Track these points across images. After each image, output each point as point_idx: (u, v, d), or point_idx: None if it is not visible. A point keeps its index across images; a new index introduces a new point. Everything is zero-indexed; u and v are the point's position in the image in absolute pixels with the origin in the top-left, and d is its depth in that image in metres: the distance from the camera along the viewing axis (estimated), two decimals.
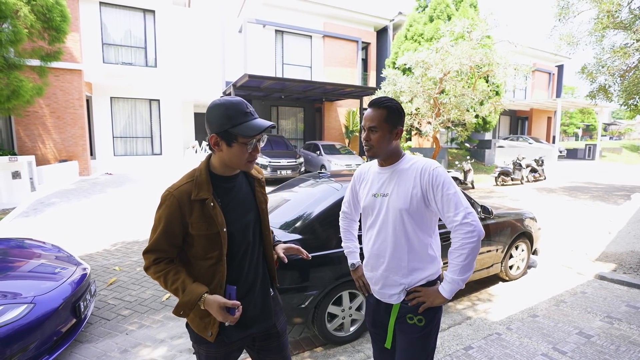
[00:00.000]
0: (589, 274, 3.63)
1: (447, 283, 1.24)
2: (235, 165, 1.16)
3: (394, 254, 1.30)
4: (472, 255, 1.19)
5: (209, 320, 1.14)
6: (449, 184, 1.22)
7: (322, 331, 2.40)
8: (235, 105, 1.10)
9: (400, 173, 1.31)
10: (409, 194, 1.26)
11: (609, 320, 2.64)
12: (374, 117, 1.28)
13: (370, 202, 1.36)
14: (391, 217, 1.29)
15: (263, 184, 1.33)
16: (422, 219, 1.28)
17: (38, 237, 4.99)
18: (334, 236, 2.42)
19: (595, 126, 36.04)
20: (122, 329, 2.71)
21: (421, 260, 1.30)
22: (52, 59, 7.69)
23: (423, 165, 1.27)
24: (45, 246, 2.96)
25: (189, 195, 1.10)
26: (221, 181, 1.17)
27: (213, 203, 1.11)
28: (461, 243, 1.19)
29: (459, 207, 1.20)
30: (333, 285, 2.36)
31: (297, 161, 10.47)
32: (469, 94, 9.40)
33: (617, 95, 9.63)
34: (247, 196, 1.24)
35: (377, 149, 1.30)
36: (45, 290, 2.16)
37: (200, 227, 1.10)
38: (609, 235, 4.26)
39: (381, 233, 1.33)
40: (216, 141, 1.11)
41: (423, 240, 1.29)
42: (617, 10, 8.31)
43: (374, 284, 1.39)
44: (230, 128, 1.08)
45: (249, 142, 1.10)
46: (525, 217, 3.71)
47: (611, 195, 9.23)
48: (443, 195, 1.22)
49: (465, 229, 1.18)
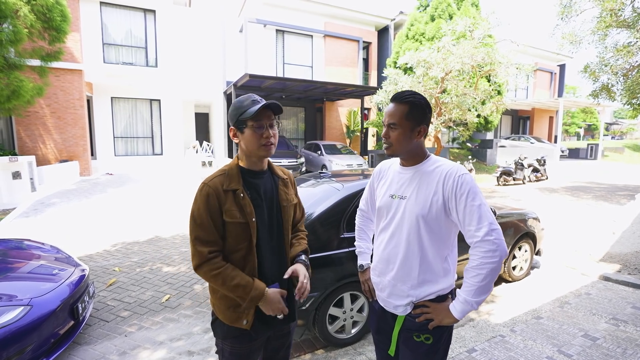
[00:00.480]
0: (594, 275, 3.58)
1: (460, 303, 1.12)
2: (253, 152, 1.21)
3: (404, 262, 1.21)
4: (491, 277, 1.07)
5: (243, 310, 1.19)
6: (474, 194, 1.10)
7: (323, 333, 2.37)
8: (245, 98, 1.21)
9: (423, 175, 1.20)
10: (429, 199, 1.15)
11: (615, 323, 2.59)
12: (395, 112, 1.19)
13: (387, 202, 1.27)
14: (407, 222, 1.19)
15: (287, 183, 1.35)
16: (440, 229, 1.17)
17: (38, 237, 4.97)
18: (335, 237, 2.38)
19: (597, 126, 35.91)
20: (121, 331, 2.68)
21: (433, 272, 1.19)
22: (53, 59, 7.67)
23: (449, 169, 1.15)
24: (44, 247, 2.93)
25: (222, 185, 1.18)
26: (249, 175, 1.25)
27: (243, 194, 1.19)
28: (480, 262, 1.07)
29: (483, 222, 1.07)
30: (334, 287, 2.33)
31: (298, 161, 10.45)
32: (471, 94, 9.35)
33: (620, 94, 9.56)
34: (272, 194, 1.28)
35: (396, 148, 1.21)
36: (42, 292, 2.14)
37: (234, 214, 1.17)
38: (613, 235, 4.22)
39: (394, 237, 1.24)
40: (234, 133, 1.23)
41: (439, 251, 1.19)
42: (620, 8, 8.25)
43: (381, 290, 1.31)
44: (240, 116, 1.19)
45: (256, 124, 1.17)
46: (529, 217, 3.67)
47: (614, 195, 9.16)
48: (466, 205, 1.10)
49: (486, 247, 1.06)
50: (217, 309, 1.25)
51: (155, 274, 3.81)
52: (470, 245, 1.12)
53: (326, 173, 3.18)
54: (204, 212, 1.15)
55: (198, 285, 3.52)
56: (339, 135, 15.27)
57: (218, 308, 1.25)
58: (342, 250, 2.36)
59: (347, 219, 2.43)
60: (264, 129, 1.19)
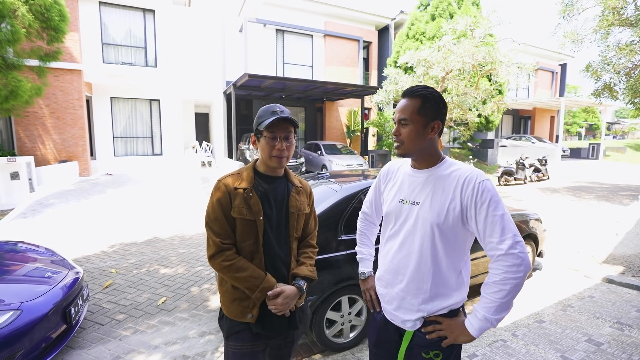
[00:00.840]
0: (597, 277, 3.52)
1: (478, 320, 1.02)
2: (265, 159, 1.27)
3: (416, 274, 1.12)
4: (513, 293, 0.99)
5: (249, 304, 1.22)
6: (496, 202, 1.01)
7: (321, 338, 2.32)
8: (267, 108, 1.26)
9: (438, 180, 1.10)
10: (445, 207, 1.06)
11: (619, 327, 2.54)
12: (406, 107, 1.10)
13: (396, 207, 1.18)
14: (419, 230, 1.10)
15: (301, 191, 1.36)
16: (455, 239, 1.08)
17: (36, 238, 4.94)
18: (332, 239, 2.34)
19: (598, 125, 35.78)
20: (116, 335, 2.64)
21: (447, 285, 1.11)
22: (51, 59, 7.64)
23: (468, 175, 1.06)
24: (38, 250, 2.89)
25: (234, 183, 1.25)
26: (263, 179, 1.30)
27: (252, 193, 1.24)
28: (503, 277, 0.98)
29: (506, 233, 0.99)
30: (332, 290, 2.28)
31: (298, 161, 10.40)
32: (472, 93, 9.29)
33: (622, 93, 9.49)
34: (283, 199, 1.31)
35: (407, 146, 1.11)
36: (33, 295, 2.09)
37: (242, 211, 1.22)
38: (616, 236, 4.16)
39: (404, 247, 1.14)
40: (254, 139, 1.29)
41: (453, 262, 1.10)
42: (622, 7, 8.18)
43: (387, 302, 1.22)
44: (259, 125, 1.25)
45: (270, 135, 1.22)
46: (530, 218, 3.61)
47: (616, 195, 9.09)
48: (488, 215, 1.00)
49: (510, 261, 0.97)
50: (223, 302, 1.28)
51: (152, 276, 3.77)
52: (491, 258, 1.03)
53: (324, 174, 3.13)
54: (217, 206, 1.22)
55: (195, 287, 3.48)
56: (339, 135, 15.22)
57: (224, 302, 1.28)
58: (340, 253, 2.31)
59: (345, 220, 2.38)
60: (276, 141, 1.23)
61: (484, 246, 1.05)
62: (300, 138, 15.50)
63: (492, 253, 1.02)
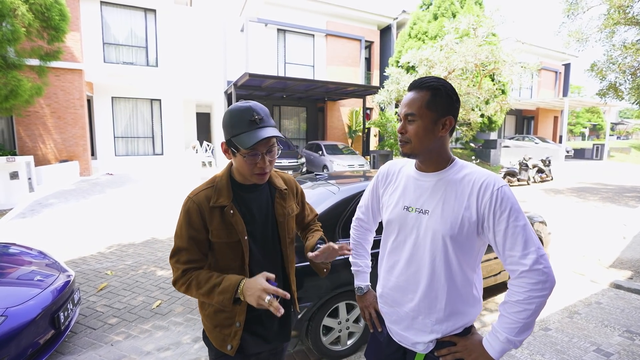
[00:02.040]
0: (604, 282, 3.42)
1: (500, 342, 0.91)
2: (245, 175, 1.09)
3: (428, 291, 0.99)
4: (538, 312, 0.89)
5: (230, 332, 1.11)
6: (517, 211, 0.90)
7: (317, 345, 2.24)
8: (241, 113, 1.03)
9: (449, 185, 0.97)
10: (459, 216, 0.94)
11: (629, 336, 2.44)
12: (413, 101, 0.96)
13: (400, 216, 1.04)
14: (430, 242, 0.98)
15: (286, 194, 1.21)
16: (470, 250, 0.97)
17: (34, 238, 4.90)
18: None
19: (602, 125, 35.46)
20: (108, 340, 2.57)
21: (463, 302, 0.99)
22: (52, 59, 7.61)
23: (484, 180, 0.93)
24: (30, 252, 2.83)
25: (209, 200, 1.07)
26: (241, 190, 1.13)
27: (233, 210, 1.07)
28: (528, 295, 0.87)
29: (530, 247, 0.88)
30: (329, 297, 2.20)
31: (299, 161, 10.33)
32: (474, 93, 9.18)
33: (628, 93, 9.35)
34: (267, 208, 1.16)
35: (414, 145, 0.97)
36: (20, 300, 2.03)
37: (221, 235, 1.06)
38: (623, 240, 4.05)
39: (413, 261, 1.02)
40: (225, 149, 1.09)
41: (468, 276, 0.99)
42: (628, 5, 8.05)
43: (393, 322, 1.09)
44: (232, 137, 1.04)
45: (248, 153, 1.02)
46: (535, 221, 3.51)
47: (622, 197, 8.94)
48: (509, 226, 0.89)
49: (535, 278, 0.87)
50: (205, 327, 1.19)
51: (148, 278, 3.71)
52: (512, 273, 0.92)
53: (322, 174, 3.05)
54: (185, 231, 1.06)
55: None
56: (341, 135, 15.13)
57: (206, 326, 1.19)
58: (338, 257, 2.22)
59: (343, 224, 2.30)
60: (258, 158, 1.04)
61: (503, 260, 0.93)
62: (301, 138, 15.43)
63: (513, 268, 0.91)
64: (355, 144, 15.10)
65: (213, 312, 1.13)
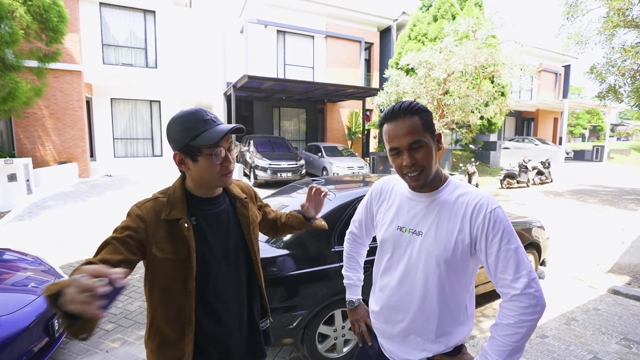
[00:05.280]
0: (602, 288, 3.41)
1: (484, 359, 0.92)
2: (209, 182, 1.01)
3: (419, 313, 0.99)
4: (529, 335, 0.89)
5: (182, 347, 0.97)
6: (510, 234, 0.91)
7: (313, 353, 2.23)
8: (192, 115, 0.97)
9: (442, 206, 0.97)
10: (453, 239, 0.94)
11: (627, 344, 2.43)
12: (413, 127, 0.92)
13: (393, 236, 1.04)
14: (423, 264, 0.97)
15: (247, 203, 1.15)
16: (465, 272, 0.97)
17: (31, 242, 4.89)
18: (325, 250, 2.24)
19: (602, 127, 35.46)
20: (103, 346, 2.55)
21: (455, 323, 1.00)
22: (50, 60, 7.60)
23: (477, 202, 0.93)
24: (25, 258, 2.81)
25: (158, 213, 0.97)
26: (199, 203, 1.03)
27: (187, 224, 0.97)
28: (519, 319, 0.88)
29: (521, 270, 0.89)
30: (324, 304, 2.19)
31: (298, 163, 10.32)
32: (474, 95, 9.17)
33: (627, 96, 9.34)
34: (229, 218, 1.09)
35: (428, 171, 0.94)
36: (12, 309, 2.01)
37: (165, 249, 0.95)
38: (622, 245, 4.04)
39: (405, 282, 1.01)
40: (181, 159, 0.99)
41: (460, 297, 0.99)
42: (628, 8, 8.05)
43: (385, 338, 1.10)
44: (191, 140, 0.95)
45: (214, 152, 0.96)
46: (533, 226, 3.50)
47: (621, 200, 8.93)
48: (501, 249, 0.90)
49: (526, 302, 0.87)
50: None
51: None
52: (504, 296, 0.92)
53: (319, 180, 3.04)
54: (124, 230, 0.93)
55: None
56: (341, 137, 15.12)
57: None
58: (333, 265, 2.21)
59: (339, 231, 2.29)
60: (222, 156, 0.97)
61: (495, 282, 0.94)
62: (301, 140, 15.42)
63: (504, 291, 0.91)
64: (354, 146, 15.09)
65: (156, 347, 0.99)
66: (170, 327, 0.98)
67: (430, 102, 9.59)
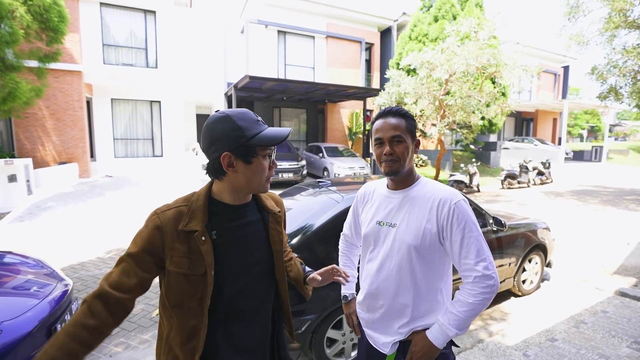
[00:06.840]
0: (609, 290, 3.39)
1: (441, 331, 1.05)
2: (255, 186, 0.94)
3: (396, 297, 1.12)
4: (480, 311, 1.05)
5: None
6: (472, 224, 1.05)
7: (321, 357, 2.20)
8: (244, 115, 0.92)
9: (413, 200, 1.11)
10: (421, 228, 1.07)
11: (638, 347, 2.40)
12: (397, 126, 1.09)
13: (373, 230, 1.17)
14: (397, 252, 1.10)
15: (279, 219, 1.06)
16: (433, 259, 1.10)
17: (32, 243, 4.84)
18: (334, 253, 2.21)
19: (600, 127, 35.55)
20: (107, 351, 2.52)
21: (427, 308, 1.11)
22: (51, 60, 7.56)
23: (442, 196, 1.08)
24: (26, 261, 2.77)
25: (177, 222, 0.89)
26: (227, 212, 0.95)
27: (204, 237, 0.89)
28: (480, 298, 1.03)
29: (481, 255, 1.03)
30: (333, 308, 2.16)
31: (299, 164, 10.28)
32: (476, 96, 9.15)
33: (628, 96, 9.35)
34: (257, 232, 1.00)
35: (402, 163, 1.10)
36: (16, 313, 1.97)
37: (181, 263, 0.87)
38: (627, 246, 4.02)
39: (383, 270, 1.14)
40: (230, 161, 0.89)
41: (433, 283, 1.11)
42: (629, 8, 8.05)
43: (368, 325, 1.23)
44: (248, 140, 0.88)
45: (268, 152, 0.94)
46: (538, 227, 3.48)
47: (622, 200, 8.92)
48: (464, 237, 1.04)
49: (485, 282, 1.02)
50: None
51: None
52: (465, 278, 1.07)
53: (325, 182, 3.01)
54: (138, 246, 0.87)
55: None
56: (341, 137, 15.10)
57: None
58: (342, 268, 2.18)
59: None
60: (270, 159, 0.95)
61: (459, 267, 1.07)
62: (302, 140, 15.39)
63: (467, 273, 1.05)
64: (355, 146, 15.07)
65: None
66: (181, 351, 0.90)
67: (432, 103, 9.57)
